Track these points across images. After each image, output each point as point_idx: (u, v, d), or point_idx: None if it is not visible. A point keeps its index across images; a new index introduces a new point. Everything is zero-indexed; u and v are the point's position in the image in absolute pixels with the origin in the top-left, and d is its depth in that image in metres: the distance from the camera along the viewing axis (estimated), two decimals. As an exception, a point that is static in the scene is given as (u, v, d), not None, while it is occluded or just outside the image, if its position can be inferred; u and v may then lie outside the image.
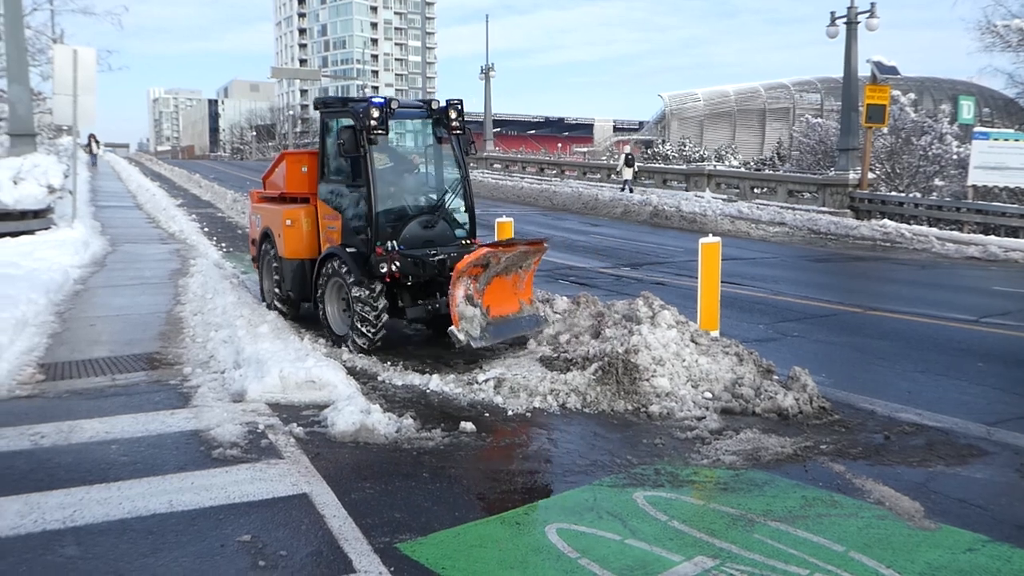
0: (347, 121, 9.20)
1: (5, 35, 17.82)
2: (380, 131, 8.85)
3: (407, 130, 10.22)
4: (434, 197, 9.67)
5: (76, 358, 8.33)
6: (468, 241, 9.51)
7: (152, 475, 5.34)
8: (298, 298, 10.31)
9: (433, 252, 8.98)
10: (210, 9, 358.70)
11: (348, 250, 9.18)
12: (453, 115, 9.51)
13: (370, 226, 8.98)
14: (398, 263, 8.73)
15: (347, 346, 9.03)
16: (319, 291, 9.53)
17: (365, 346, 8.87)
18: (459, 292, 8.22)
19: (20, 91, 17.58)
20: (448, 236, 9.43)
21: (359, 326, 8.83)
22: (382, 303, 8.82)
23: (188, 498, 4.98)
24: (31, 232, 15.04)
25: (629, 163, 34.53)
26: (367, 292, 8.76)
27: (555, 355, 8.33)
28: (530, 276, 9.23)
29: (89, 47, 17.04)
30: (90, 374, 7.76)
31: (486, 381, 7.54)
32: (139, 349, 8.70)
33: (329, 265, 9.34)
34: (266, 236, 10.89)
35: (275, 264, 10.54)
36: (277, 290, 10.52)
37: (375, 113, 8.77)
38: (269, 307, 10.63)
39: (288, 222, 10.16)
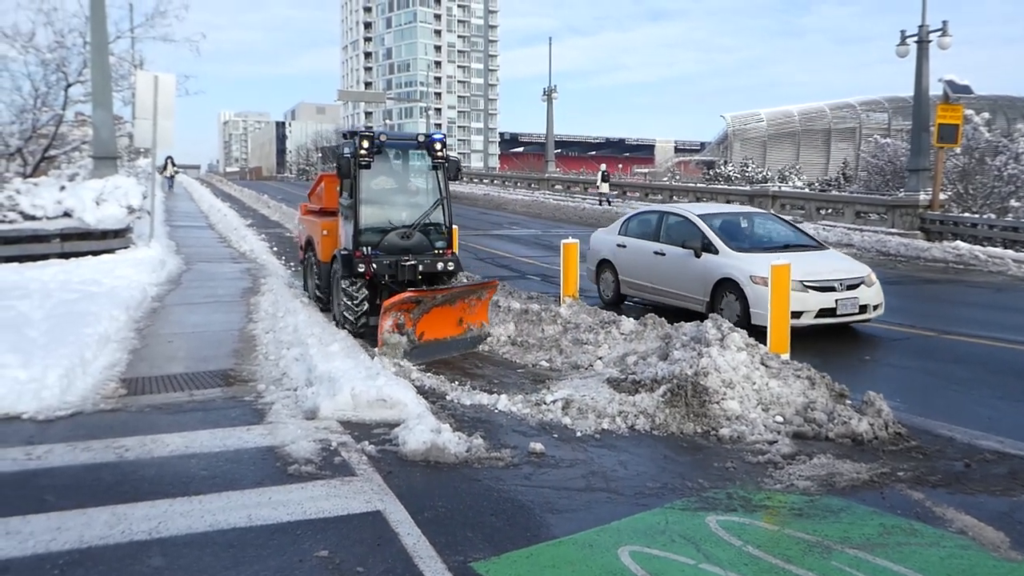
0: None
1: (91, 63, 18.52)
2: (366, 159, 10.48)
3: (402, 158, 11.59)
4: (415, 214, 11.10)
5: (155, 373, 8.61)
6: (441, 251, 11.08)
7: (231, 489, 5.48)
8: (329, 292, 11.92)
9: (407, 259, 10.55)
10: (279, 34, 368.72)
11: (343, 253, 10.92)
12: (437, 147, 11.07)
13: (355, 234, 10.63)
14: (374, 265, 10.43)
15: (343, 328, 10.51)
16: (332, 285, 11.36)
17: (348, 328, 10.46)
18: (387, 323, 9.52)
19: (104, 115, 18.25)
20: (424, 246, 10.98)
21: (343, 312, 10.57)
22: (361, 296, 10.48)
23: (266, 513, 5.09)
24: (111, 251, 15.61)
25: (605, 179, 41.57)
26: (350, 286, 10.46)
27: (623, 376, 8.30)
28: (483, 304, 10.50)
29: (168, 73, 17.71)
30: (169, 389, 8.01)
31: (554, 402, 7.56)
32: (214, 366, 8.96)
33: (334, 264, 11.21)
34: (309, 243, 13.03)
35: (314, 263, 12.57)
36: (318, 282, 12.36)
37: (365, 144, 10.46)
38: (312, 299, 12.61)
39: (324, 232, 12.15)
